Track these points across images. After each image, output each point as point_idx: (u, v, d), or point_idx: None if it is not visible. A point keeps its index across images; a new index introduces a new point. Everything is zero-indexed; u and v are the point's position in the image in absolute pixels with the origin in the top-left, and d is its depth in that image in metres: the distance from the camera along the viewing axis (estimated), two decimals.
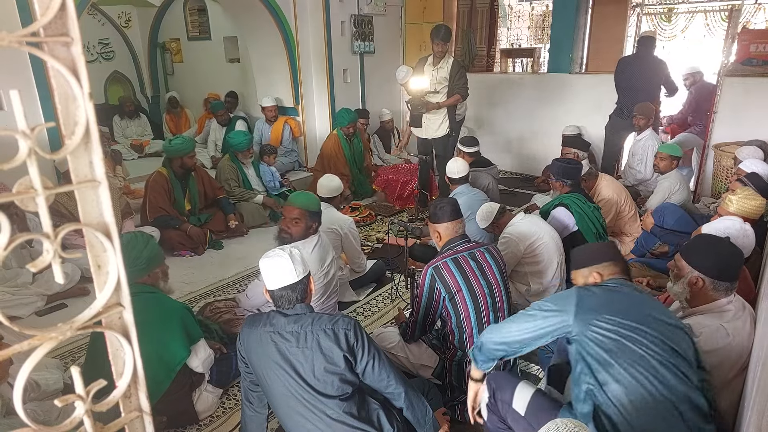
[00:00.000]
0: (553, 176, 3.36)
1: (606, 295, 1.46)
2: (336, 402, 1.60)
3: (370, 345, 1.62)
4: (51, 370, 2.20)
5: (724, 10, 7.05)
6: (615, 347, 1.36)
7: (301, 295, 1.64)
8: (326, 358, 1.57)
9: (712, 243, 1.76)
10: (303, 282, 1.64)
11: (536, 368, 2.43)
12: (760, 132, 3.99)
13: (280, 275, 1.60)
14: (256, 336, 1.62)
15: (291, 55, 5.39)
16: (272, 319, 1.63)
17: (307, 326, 1.58)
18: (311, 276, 1.70)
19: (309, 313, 1.63)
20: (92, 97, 0.54)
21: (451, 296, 2.05)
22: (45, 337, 0.54)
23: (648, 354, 1.34)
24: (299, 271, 1.62)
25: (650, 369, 1.34)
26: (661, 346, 1.35)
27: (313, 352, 1.57)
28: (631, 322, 1.37)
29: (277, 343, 1.59)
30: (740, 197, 2.47)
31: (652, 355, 1.34)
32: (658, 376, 1.34)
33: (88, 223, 0.58)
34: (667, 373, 1.34)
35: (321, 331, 1.57)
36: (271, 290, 1.63)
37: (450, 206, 2.19)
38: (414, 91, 4.32)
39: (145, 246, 2.07)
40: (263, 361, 1.61)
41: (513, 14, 8.93)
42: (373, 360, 1.60)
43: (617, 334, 1.36)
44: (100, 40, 7.29)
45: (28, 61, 3.35)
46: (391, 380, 1.63)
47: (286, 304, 1.63)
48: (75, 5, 0.53)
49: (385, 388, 1.64)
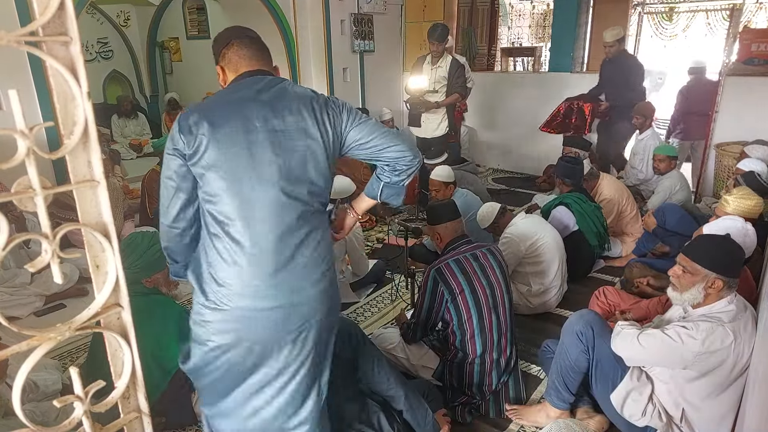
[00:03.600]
0: (557, 175, 3.38)
1: None
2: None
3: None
4: (49, 370, 2.20)
5: (725, 10, 7.05)
6: None
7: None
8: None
9: (719, 242, 1.75)
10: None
11: (536, 368, 2.43)
12: (761, 131, 3.99)
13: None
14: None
15: (290, 53, 5.38)
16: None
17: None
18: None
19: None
20: (91, 96, 0.54)
21: (453, 297, 2.05)
22: (43, 338, 0.54)
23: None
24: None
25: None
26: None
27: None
28: None
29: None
30: (736, 197, 2.47)
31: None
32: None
33: (86, 223, 0.58)
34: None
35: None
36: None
37: (447, 207, 2.18)
38: (413, 90, 4.31)
39: (149, 247, 2.06)
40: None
41: (514, 13, 8.92)
42: (373, 362, 1.58)
43: None
44: (98, 39, 7.28)
45: (27, 60, 3.34)
46: (391, 383, 1.61)
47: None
48: (74, 4, 0.53)
49: (386, 391, 1.63)
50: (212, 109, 1.33)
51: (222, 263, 1.33)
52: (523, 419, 2.09)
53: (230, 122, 1.30)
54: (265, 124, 1.32)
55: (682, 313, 1.83)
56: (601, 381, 1.89)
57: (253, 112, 1.32)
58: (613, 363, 1.84)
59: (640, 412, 1.80)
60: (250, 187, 1.31)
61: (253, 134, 1.31)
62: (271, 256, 1.33)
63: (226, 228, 1.32)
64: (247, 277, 1.33)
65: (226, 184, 1.30)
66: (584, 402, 2.05)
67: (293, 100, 1.37)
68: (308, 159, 1.36)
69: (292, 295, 1.36)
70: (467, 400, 2.13)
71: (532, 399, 2.24)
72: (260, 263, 1.33)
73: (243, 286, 1.33)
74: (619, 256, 3.53)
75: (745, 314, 1.68)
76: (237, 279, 1.32)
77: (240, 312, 1.34)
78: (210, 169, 1.30)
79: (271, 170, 1.32)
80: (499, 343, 2.13)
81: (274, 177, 1.32)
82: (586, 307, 2.45)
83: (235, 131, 1.30)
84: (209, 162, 1.29)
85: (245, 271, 1.32)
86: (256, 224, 1.32)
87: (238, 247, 1.32)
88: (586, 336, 1.88)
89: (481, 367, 2.11)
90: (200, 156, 1.29)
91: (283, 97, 1.37)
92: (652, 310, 2.32)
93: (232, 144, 1.29)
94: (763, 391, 1.35)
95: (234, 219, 1.31)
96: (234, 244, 1.32)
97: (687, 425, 1.77)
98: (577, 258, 3.17)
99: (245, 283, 1.33)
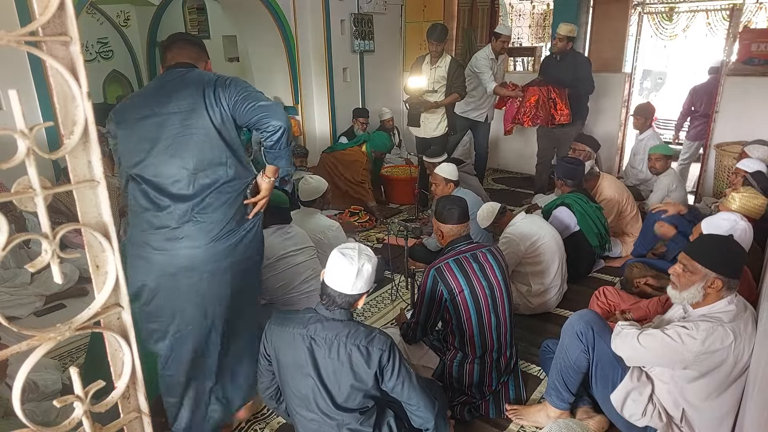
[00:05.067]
0: (557, 176, 3.37)
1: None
2: (355, 415, 1.57)
3: (401, 367, 1.56)
4: (49, 370, 2.20)
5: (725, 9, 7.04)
6: None
7: (346, 304, 1.57)
8: (355, 375, 1.52)
9: (721, 242, 1.75)
10: (354, 297, 1.57)
11: (536, 368, 2.43)
12: (761, 131, 3.99)
13: (340, 278, 1.53)
14: (288, 336, 1.57)
15: (290, 53, 5.38)
16: (307, 321, 1.57)
17: (342, 337, 1.52)
18: (367, 293, 1.62)
19: (347, 321, 1.57)
20: (91, 96, 0.54)
21: (452, 297, 2.05)
22: (44, 338, 0.54)
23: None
24: (358, 287, 1.54)
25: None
26: None
27: (342, 366, 1.52)
28: None
29: (311, 348, 1.54)
30: (743, 196, 2.48)
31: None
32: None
33: (86, 223, 0.57)
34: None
35: (355, 346, 1.51)
36: (324, 283, 1.57)
37: (459, 209, 2.17)
38: (412, 90, 4.31)
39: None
40: (291, 363, 1.57)
41: (514, 13, 8.91)
42: (402, 384, 1.56)
43: None
44: (98, 39, 7.27)
45: (27, 60, 3.34)
46: (420, 407, 1.59)
47: (328, 302, 1.57)
48: (74, 4, 0.53)
49: (416, 410, 1.61)
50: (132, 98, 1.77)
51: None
52: (523, 419, 2.09)
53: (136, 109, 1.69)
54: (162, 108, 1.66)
55: (682, 313, 1.83)
56: (601, 381, 1.89)
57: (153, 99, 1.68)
58: (613, 363, 1.84)
59: (640, 412, 1.79)
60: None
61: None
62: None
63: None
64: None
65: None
66: (584, 402, 2.05)
67: (187, 85, 1.67)
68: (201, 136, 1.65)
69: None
70: (467, 400, 2.13)
71: (532, 399, 2.24)
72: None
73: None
74: (619, 256, 3.53)
75: (745, 314, 1.68)
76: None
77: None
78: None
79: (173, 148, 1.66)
80: (498, 343, 2.13)
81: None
82: (586, 307, 2.45)
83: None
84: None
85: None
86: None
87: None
88: (586, 336, 1.88)
89: (480, 367, 2.11)
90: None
91: (180, 83, 1.67)
92: (652, 310, 2.32)
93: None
94: (763, 391, 1.35)
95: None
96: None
97: (687, 425, 1.77)
98: (578, 258, 3.17)
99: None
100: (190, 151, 1.65)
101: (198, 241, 1.69)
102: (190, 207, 1.67)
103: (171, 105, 1.64)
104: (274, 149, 1.77)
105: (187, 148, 1.65)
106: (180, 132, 1.65)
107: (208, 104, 1.64)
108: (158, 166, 1.66)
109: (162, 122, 1.65)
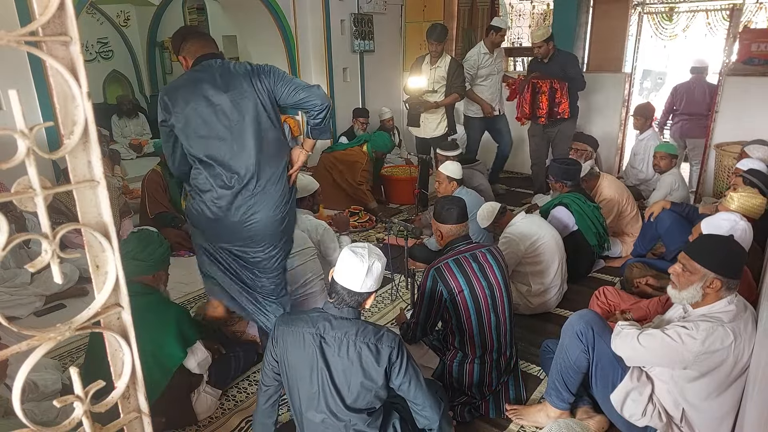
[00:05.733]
0: (553, 177, 3.35)
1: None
2: (362, 416, 1.57)
3: (409, 365, 1.57)
4: (49, 370, 2.20)
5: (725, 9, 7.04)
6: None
7: (355, 303, 1.58)
8: (365, 373, 1.53)
9: (721, 242, 1.75)
10: (363, 295, 1.58)
11: (536, 368, 2.43)
12: (761, 131, 3.99)
13: (350, 275, 1.54)
14: (297, 335, 1.56)
15: (290, 53, 5.38)
16: (316, 321, 1.57)
17: (351, 336, 1.53)
18: (372, 294, 1.63)
19: (355, 319, 1.57)
20: (91, 96, 0.54)
21: (452, 297, 2.05)
22: (44, 338, 0.54)
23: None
24: (368, 285, 1.56)
25: None
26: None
27: (353, 364, 1.52)
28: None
29: (321, 347, 1.54)
30: (742, 195, 2.48)
31: None
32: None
33: (86, 223, 0.57)
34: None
35: (364, 344, 1.52)
36: (334, 280, 1.58)
37: (457, 209, 2.17)
38: (412, 90, 4.31)
39: (160, 245, 2.11)
40: (300, 363, 1.57)
41: (514, 13, 8.91)
42: (409, 382, 1.56)
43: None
44: (98, 39, 7.28)
45: (27, 60, 3.34)
46: (426, 407, 1.59)
47: (338, 300, 1.58)
48: (74, 4, 0.53)
49: (421, 410, 1.61)
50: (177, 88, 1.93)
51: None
52: (523, 419, 2.09)
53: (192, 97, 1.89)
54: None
55: (683, 313, 1.83)
56: (601, 381, 1.89)
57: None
58: (613, 363, 1.84)
59: (640, 412, 1.79)
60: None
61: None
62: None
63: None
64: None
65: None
66: (584, 402, 2.05)
67: (236, 75, 1.90)
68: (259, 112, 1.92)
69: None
70: (467, 400, 2.13)
71: (532, 399, 2.24)
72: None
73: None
74: (619, 256, 3.53)
75: (745, 314, 1.68)
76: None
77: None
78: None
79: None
80: (498, 343, 2.13)
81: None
82: (586, 307, 2.45)
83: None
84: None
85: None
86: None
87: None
88: (586, 336, 1.88)
89: (480, 367, 2.11)
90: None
91: (228, 73, 1.90)
92: (652, 310, 2.32)
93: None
94: (763, 391, 1.35)
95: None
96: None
97: (687, 425, 1.77)
98: (578, 258, 3.17)
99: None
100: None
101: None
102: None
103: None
104: (319, 126, 2.02)
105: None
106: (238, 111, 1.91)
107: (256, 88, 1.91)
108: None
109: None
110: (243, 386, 2.38)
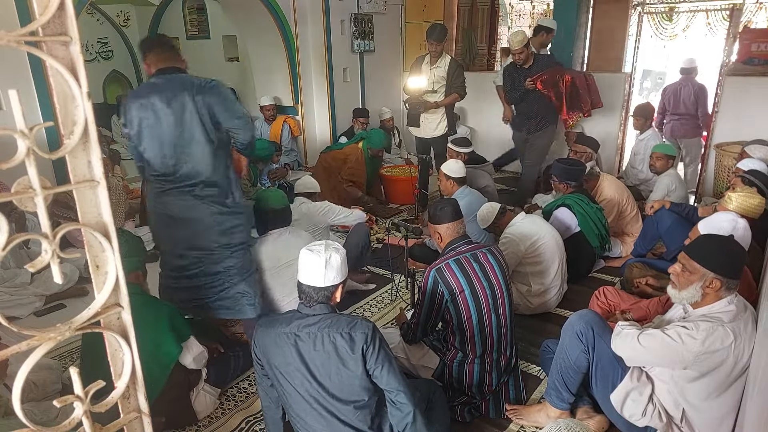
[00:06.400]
0: (556, 178, 3.35)
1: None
2: (350, 408, 1.58)
3: (381, 349, 1.58)
4: (49, 370, 2.20)
5: (725, 9, 7.03)
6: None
7: (323, 298, 1.60)
8: (342, 362, 1.55)
9: (721, 242, 1.75)
10: (329, 289, 1.60)
11: (536, 368, 2.43)
12: (761, 131, 3.99)
13: (310, 272, 1.58)
14: (273, 337, 1.59)
15: (290, 53, 5.38)
16: (290, 320, 1.60)
17: (324, 328, 1.55)
18: (342, 284, 1.65)
19: (328, 313, 1.60)
20: (91, 96, 0.54)
21: (453, 297, 2.05)
22: (44, 338, 0.54)
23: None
24: (330, 278, 1.58)
25: None
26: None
27: (329, 356, 1.54)
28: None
29: (296, 345, 1.56)
30: (740, 195, 2.48)
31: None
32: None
33: (86, 223, 0.57)
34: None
35: (338, 334, 1.54)
36: (299, 282, 1.61)
37: (450, 207, 2.18)
38: (412, 90, 4.31)
39: (125, 242, 2.09)
40: (281, 363, 1.59)
41: (514, 13, 8.90)
42: (382, 367, 1.56)
43: None
44: (98, 39, 7.28)
45: (27, 60, 3.34)
46: (399, 393, 1.58)
47: (306, 300, 1.61)
48: (74, 4, 0.53)
49: (395, 396, 1.60)
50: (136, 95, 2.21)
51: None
52: (523, 419, 2.09)
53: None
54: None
55: (683, 313, 1.83)
56: (601, 381, 1.89)
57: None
58: (613, 363, 1.84)
59: (640, 412, 1.79)
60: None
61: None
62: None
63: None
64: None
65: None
66: (584, 402, 2.05)
67: (182, 89, 2.09)
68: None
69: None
70: (467, 400, 2.13)
71: (532, 399, 2.24)
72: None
73: None
74: (619, 256, 3.53)
75: (745, 314, 1.68)
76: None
77: None
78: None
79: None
80: (499, 343, 2.13)
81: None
82: (586, 307, 2.45)
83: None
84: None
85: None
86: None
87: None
88: (586, 336, 1.88)
89: (481, 367, 2.11)
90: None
91: (177, 86, 2.11)
92: (652, 310, 2.32)
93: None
94: (763, 391, 1.35)
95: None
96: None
97: (687, 425, 1.77)
98: (578, 258, 3.17)
99: None
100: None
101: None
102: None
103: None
104: (244, 153, 2.41)
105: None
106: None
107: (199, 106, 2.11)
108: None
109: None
110: (243, 386, 2.38)
